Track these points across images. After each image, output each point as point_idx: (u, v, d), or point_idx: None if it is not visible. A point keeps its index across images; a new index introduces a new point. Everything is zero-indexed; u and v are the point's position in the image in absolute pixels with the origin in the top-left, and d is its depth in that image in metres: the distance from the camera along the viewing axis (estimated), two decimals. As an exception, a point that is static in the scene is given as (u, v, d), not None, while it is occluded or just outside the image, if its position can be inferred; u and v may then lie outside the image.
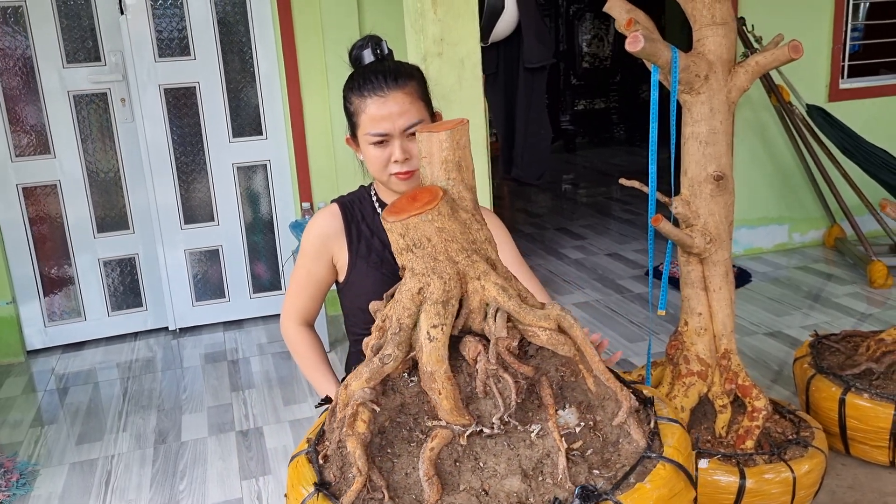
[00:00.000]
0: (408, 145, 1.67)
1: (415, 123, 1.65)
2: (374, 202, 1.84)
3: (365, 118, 1.67)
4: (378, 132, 1.65)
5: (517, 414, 1.15)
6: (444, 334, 1.15)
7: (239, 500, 2.48)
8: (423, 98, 1.70)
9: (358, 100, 1.68)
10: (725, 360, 2.18)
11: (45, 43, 3.58)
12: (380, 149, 1.67)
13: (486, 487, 1.10)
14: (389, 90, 1.65)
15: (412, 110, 1.66)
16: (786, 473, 2.03)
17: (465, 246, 1.18)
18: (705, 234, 2.12)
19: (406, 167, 1.67)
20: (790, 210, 4.63)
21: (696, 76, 2.05)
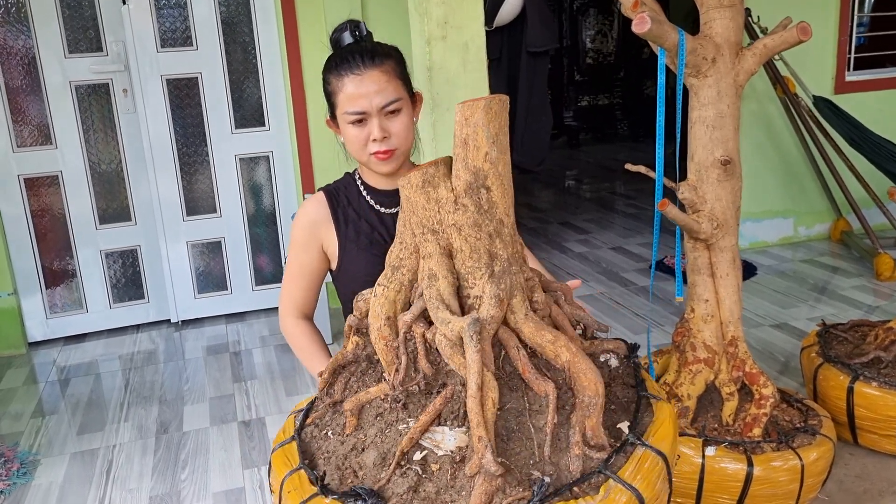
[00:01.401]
0: (386, 124, 1.67)
1: (392, 101, 1.66)
2: (359, 186, 1.84)
3: (342, 97, 1.67)
4: (355, 110, 1.65)
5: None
6: (383, 295, 1.22)
7: (241, 489, 2.46)
8: (400, 77, 1.70)
9: (335, 79, 1.68)
10: (732, 347, 2.15)
11: (46, 33, 3.56)
12: (358, 128, 1.67)
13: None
14: (366, 68, 1.65)
15: (389, 88, 1.66)
16: (794, 461, 2.00)
17: (424, 222, 1.19)
18: (712, 219, 2.09)
19: (385, 146, 1.67)
20: (795, 203, 4.59)
21: (703, 59, 2.02)
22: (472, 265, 1.18)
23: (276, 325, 3.89)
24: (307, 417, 1.30)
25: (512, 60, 3.40)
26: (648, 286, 4.07)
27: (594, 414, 1.10)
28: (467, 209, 1.18)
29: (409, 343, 1.18)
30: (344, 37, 1.73)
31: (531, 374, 1.13)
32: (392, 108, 1.67)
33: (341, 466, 1.15)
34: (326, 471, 1.15)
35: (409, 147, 1.74)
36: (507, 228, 1.21)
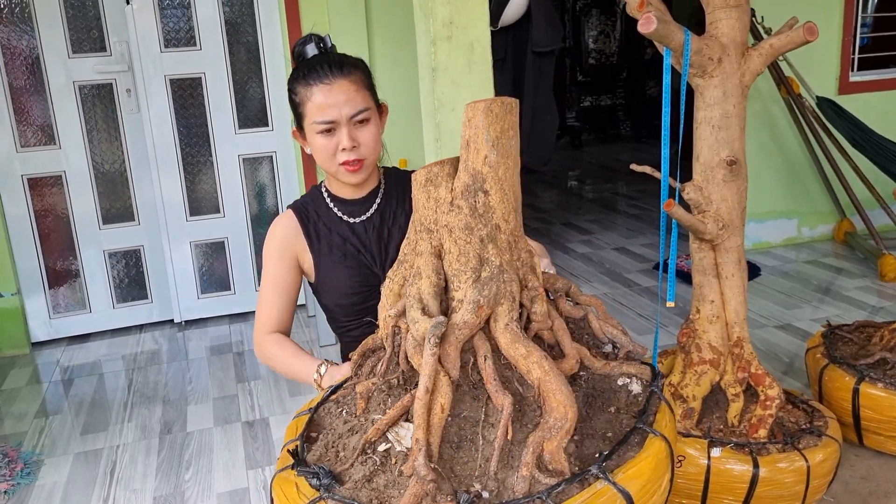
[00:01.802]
0: (355, 133, 1.68)
1: (361, 111, 1.67)
2: (326, 199, 1.83)
3: (311, 106, 1.66)
4: (325, 119, 1.65)
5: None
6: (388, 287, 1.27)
7: (245, 489, 2.46)
8: (368, 88, 1.72)
9: (304, 89, 1.68)
10: (738, 348, 2.15)
11: (50, 33, 3.56)
12: (327, 138, 1.67)
13: None
14: (335, 78, 1.66)
15: (357, 98, 1.67)
16: (800, 462, 2.00)
17: (422, 220, 1.21)
18: (718, 219, 2.09)
19: (354, 155, 1.68)
20: (799, 204, 4.59)
21: (709, 59, 2.02)
22: (459, 268, 1.17)
23: (279, 326, 3.89)
24: (334, 393, 1.31)
25: (517, 60, 3.40)
26: (651, 287, 4.07)
27: (557, 437, 1.05)
28: (461, 211, 1.17)
29: (397, 337, 1.20)
30: (307, 49, 1.74)
31: (493, 385, 1.11)
32: (361, 118, 1.68)
33: (331, 445, 1.18)
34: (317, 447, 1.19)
35: (377, 156, 1.76)
36: (504, 234, 1.19)
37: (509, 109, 1.16)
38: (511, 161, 1.18)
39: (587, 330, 1.30)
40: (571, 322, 1.29)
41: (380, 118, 1.75)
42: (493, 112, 1.15)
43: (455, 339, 1.13)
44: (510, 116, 1.17)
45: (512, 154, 1.18)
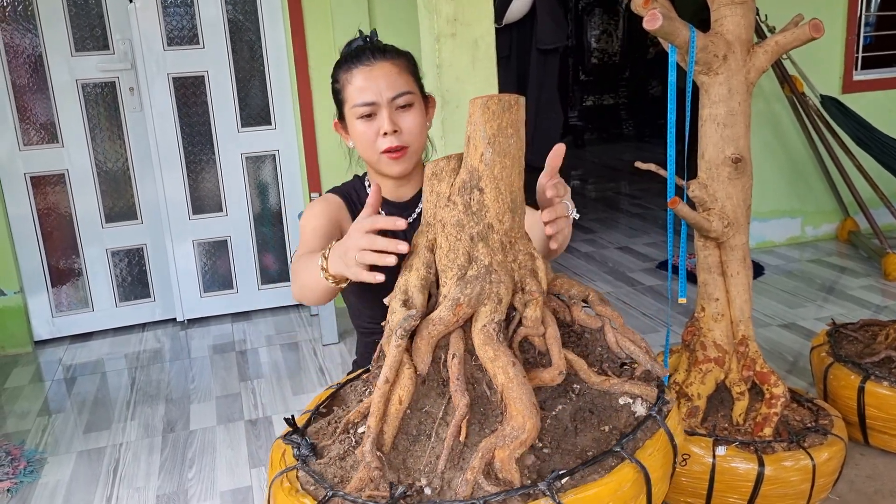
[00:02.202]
0: (397, 118, 1.61)
1: (402, 93, 1.60)
2: (368, 192, 1.75)
3: (351, 90, 1.62)
4: (364, 101, 1.59)
5: None
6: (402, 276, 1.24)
7: (248, 488, 2.45)
8: (412, 74, 1.66)
9: (345, 74, 1.64)
10: (743, 346, 2.14)
11: (53, 31, 3.56)
12: (367, 123, 1.61)
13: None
14: (376, 60, 1.61)
15: (399, 81, 1.61)
16: (805, 461, 1.99)
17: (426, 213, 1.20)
18: (723, 217, 2.08)
19: (396, 141, 1.60)
20: (803, 203, 4.58)
21: (714, 56, 2.01)
22: (447, 264, 1.17)
23: (282, 324, 3.89)
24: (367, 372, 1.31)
25: (521, 58, 3.39)
26: (655, 286, 4.06)
27: (510, 446, 1.03)
28: (455, 207, 1.16)
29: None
30: (354, 43, 1.71)
31: (455, 384, 1.09)
32: (403, 102, 1.61)
33: (334, 420, 1.19)
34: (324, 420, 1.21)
35: (421, 148, 1.68)
36: (497, 234, 1.17)
37: (508, 107, 1.13)
38: (509, 160, 1.15)
39: (601, 342, 1.24)
40: (587, 332, 1.24)
41: (426, 109, 1.69)
42: (490, 109, 1.12)
43: (427, 335, 1.13)
44: (509, 114, 1.13)
45: (510, 153, 1.14)
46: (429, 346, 1.13)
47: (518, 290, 1.18)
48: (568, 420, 1.12)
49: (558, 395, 1.15)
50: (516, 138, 1.15)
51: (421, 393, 1.13)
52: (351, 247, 1.22)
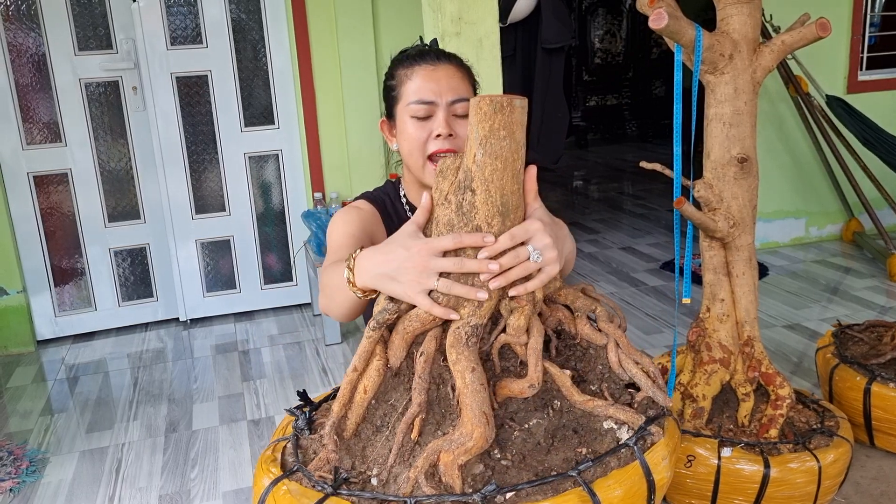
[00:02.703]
0: (453, 122, 1.52)
1: (462, 99, 1.53)
2: (403, 202, 1.69)
3: (409, 87, 1.54)
4: (423, 99, 1.51)
5: None
6: None
7: (250, 488, 2.44)
8: (472, 84, 1.61)
9: (404, 70, 1.56)
10: (748, 347, 2.13)
11: (56, 30, 3.55)
12: (420, 124, 1.53)
13: None
14: (440, 62, 1.55)
15: (462, 87, 1.55)
16: (811, 463, 1.98)
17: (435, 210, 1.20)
18: (728, 217, 2.07)
19: (448, 144, 1.51)
20: (807, 203, 4.57)
21: (720, 55, 2.00)
22: None
23: (284, 324, 3.88)
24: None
25: (526, 57, 3.38)
26: (659, 287, 4.05)
27: (454, 452, 1.02)
28: (449, 206, 1.15)
29: None
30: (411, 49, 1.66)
31: (418, 381, 1.09)
32: (461, 110, 1.53)
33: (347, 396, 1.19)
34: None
35: None
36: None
37: (500, 108, 1.09)
38: (500, 163, 1.11)
39: (604, 360, 1.20)
40: (593, 348, 1.21)
41: None
42: (482, 110, 1.09)
43: (403, 330, 1.13)
44: (500, 116, 1.10)
45: (502, 156, 1.11)
46: (403, 342, 1.13)
47: (506, 296, 1.16)
48: (542, 436, 1.10)
49: (535, 408, 1.13)
50: (510, 141, 1.11)
51: (390, 386, 1.14)
52: (415, 268, 1.11)
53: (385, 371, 1.13)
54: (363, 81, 3.80)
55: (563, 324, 1.22)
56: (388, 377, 1.15)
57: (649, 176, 7.09)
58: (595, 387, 1.18)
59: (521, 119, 1.12)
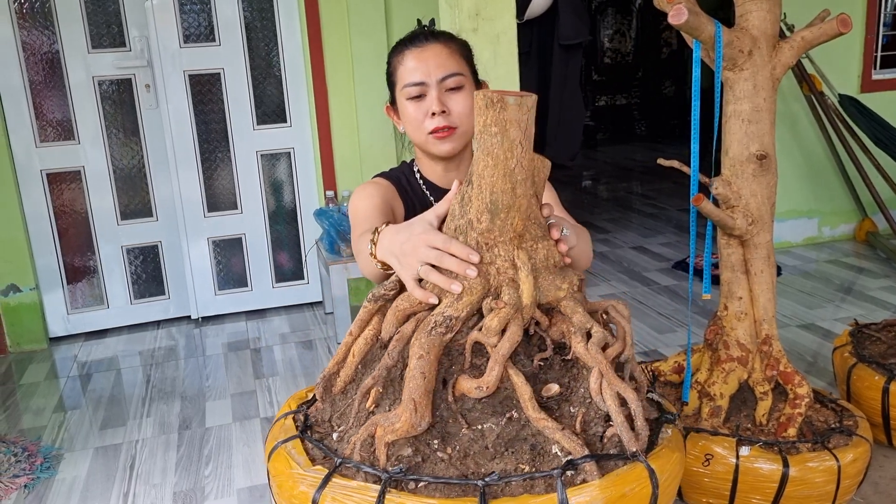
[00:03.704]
0: (446, 98, 1.61)
1: (452, 74, 1.61)
2: (418, 179, 1.76)
3: (402, 71, 1.63)
4: (413, 81, 1.60)
5: None
6: None
7: (265, 486, 2.44)
8: (465, 58, 1.66)
9: (397, 57, 1.65)
10: (766, 345, 2.12)
11: (70, 28, 3.56)
12: (416, 104, 1.62)
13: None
14: (428, 42, 1.63)
15: (450, 62, 1.61)
16: (830, 462, 1.96)
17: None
18: (747, 215, 2.06)
19: (444, 121, 1.60)
20: (820, 203, 4.54)
21: (739, 52, 1.99)
22: None
23: (296, 323, 3.88)
24: None
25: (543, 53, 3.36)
26: (671, 286, 4.03)
27: (385, 429, 1.07)
28: (457, 196, 1.21)
29: None
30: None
31: (385, 357, 1.14)
32: (453, 84, 1.61)
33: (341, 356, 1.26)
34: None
35: (471, 131, 1.64)
36: (474, 233, 1.17)
37: (491, 104, 1.10)
38: (491, 160, 1.12)
39: (584, 384, 1.16)
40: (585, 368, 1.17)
41: None
42: (478, 104, 1.11)
43: (395, 307, 1.19)
44: (492, 112, 1.10)
45: (493, 152, 1.12)
46: (394, 318, 1.19)
47: (490, 294, 1.16)
48: (493, 441, 1.09)
49: (493, 413, 1.12)
50: (501, 138, 1.11)
51: (377, 355, 1.20)
52: (410, 252, 1.18)
53: (374, 341, 1.21)
54: (376, 80, 3.79)
55: (565, 337, 1.20)
56: (377, 347, 1.21)
57: (659, 176, 7.07)
58: (574, 409, 1.15)
59: (518, 117, 1.11)
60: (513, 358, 1.16)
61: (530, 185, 1.17)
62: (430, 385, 1.09)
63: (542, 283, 1.19)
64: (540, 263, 1.19)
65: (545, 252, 1.20)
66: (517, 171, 1.13)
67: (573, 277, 1.23)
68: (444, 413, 1.12)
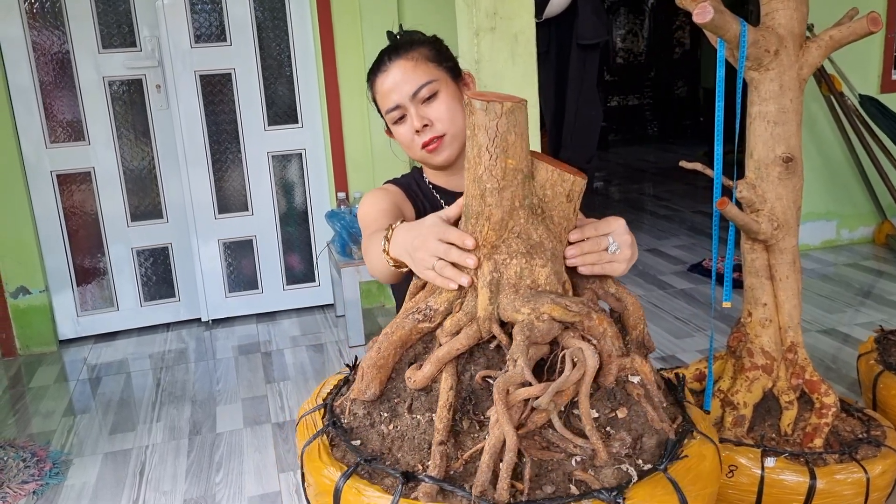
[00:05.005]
0: (424, 111, 1.60)
1: (421, 86, 1.59)
2: (427, 184, 1.77)
3: (379, 99, 1.65)
4: (389, 107, 1.61)
5: None
6: None
7: (277, 493, 2.40)
8: (433, 60, 1.63)
9: (372, 88, 1.67)
10: (791, 353, 2.06)
11: (80, 28, 3.53)
12: (402, 125, 1.63)
13: None
14: (391, 62, 1.61)
15: (416, 74, 1.59)
16: (858, 474, 1.90)
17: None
18: (772, 219, 2.00)
19: (428, 134, 1.60)
20: (838, 206, 4.47)
21: (765, 51, 1.93)
22: None
23: (307, 326, 3.84)
24: None
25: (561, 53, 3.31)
26: (687, 289, 3.98)
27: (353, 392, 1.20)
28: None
29: None
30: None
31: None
32: (426, 94, 1.60)
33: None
34: None
35: (461, 130, 1.62)
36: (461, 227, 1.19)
37: (467, 106, 1.09)
38: (467, 162, 1.12)
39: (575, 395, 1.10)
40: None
41: (457, 89, 1.65)
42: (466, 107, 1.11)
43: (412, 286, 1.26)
44: (470, 116, 1.09)
45: (468, 155, 1.11)
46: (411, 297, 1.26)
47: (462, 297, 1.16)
48: (419, 434, 1.09)
49: (429, 409, 1.13)
50: (472, 142, 1.11)
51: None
52: (421, 247, 1.18)
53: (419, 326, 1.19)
54: (388, 80, 3.75)
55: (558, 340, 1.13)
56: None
57: (672, 177, 7.00)
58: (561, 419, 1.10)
59: (486, 123, 1.08)
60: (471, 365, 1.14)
61: (510, 197, 1.12)
62: (382, 361, 1.15)
63: (503, 300, 1.12)
64: (507, 281, 1.13)
65: (517, 270, 1.13)
66: (485, 179, 1.10)
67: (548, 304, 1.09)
68: (400, 393, 1.15)
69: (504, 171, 1.10)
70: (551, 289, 1.14)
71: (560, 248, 1.18)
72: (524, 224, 1.14)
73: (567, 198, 1.18)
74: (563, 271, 1.18)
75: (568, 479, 1.02)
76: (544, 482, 1.02)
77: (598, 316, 1.13)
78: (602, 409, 1.13)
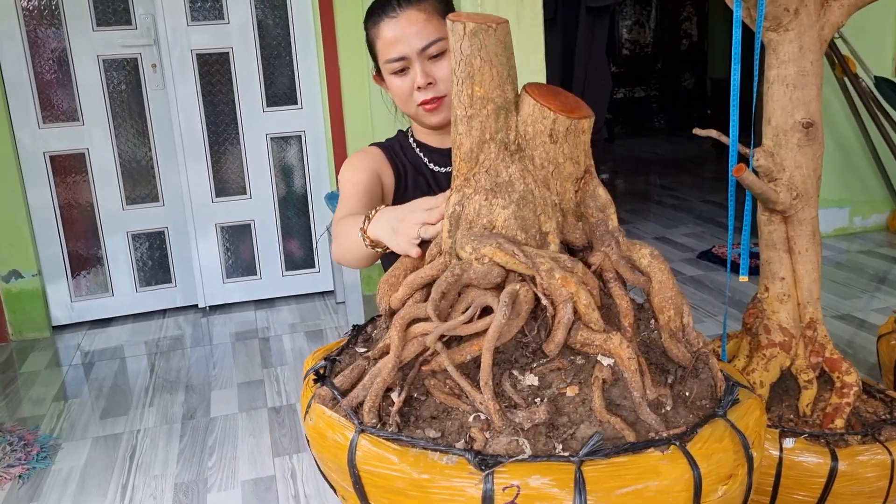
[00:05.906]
0: (430, 68, 1.53)
1: (433, 42, 1.51)
2: (412, 144, 1.71)
3: (381, 44, 1.55)
4: (394, 56, 1.53)
5: None
6: None
7: (271, 477, 2.31)
8: (443, 14, 1.54)
9: (372, 27, 1.57)
10: (811, 330, 1.96)
11: (73, 4, 3.43)
12: (401, 77, 1.55)
13: None
14: (401, 9, 1.52)
15: (429, 28, 1.51)
16: (882, 456, 1.80)
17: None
18: (791, 188, 1.90)
19: (431, 93, 1.54)
20: (851, 192, 4.36)
21: (784, 10, 1.83)
22: None
23: (306, 312, 3.75)
24: None
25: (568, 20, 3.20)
26: (697, 276, 3.88)
27: None
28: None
29: None
30: None
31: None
32: (435, 51, 1.52)
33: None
34: None
35: None
36: None
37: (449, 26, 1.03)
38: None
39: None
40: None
41: None
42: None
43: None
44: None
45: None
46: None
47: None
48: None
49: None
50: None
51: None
52: (405, 218, 1.17)
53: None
54: (389, 60, 3.66)
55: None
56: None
57: (679, 168, 6.92)
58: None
59: (452, 44, 1.02)
60: None
61: (479, 127, 1.04)
62: (394, 279, 1.12)
63: (458, 235, 1.06)
64: (466, 216, 1.06)
65: (476, 207, 1.05)
66: (455, 105, 1.05)
67: (491, 247, 1.00)
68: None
69: (471, 99, 1.02)
70: (508, 233, 1.04)
71: (542, 194, 1.08)
72: (493, 160, 1.05)
73: (550, 137, 1.06)
74: (542, 219, 1.06)
75: (459, 430, 0.93)
76: (432, 426, 0.94)
77: (562, 276, 0.99)
78: (555, 381, 0.97)
